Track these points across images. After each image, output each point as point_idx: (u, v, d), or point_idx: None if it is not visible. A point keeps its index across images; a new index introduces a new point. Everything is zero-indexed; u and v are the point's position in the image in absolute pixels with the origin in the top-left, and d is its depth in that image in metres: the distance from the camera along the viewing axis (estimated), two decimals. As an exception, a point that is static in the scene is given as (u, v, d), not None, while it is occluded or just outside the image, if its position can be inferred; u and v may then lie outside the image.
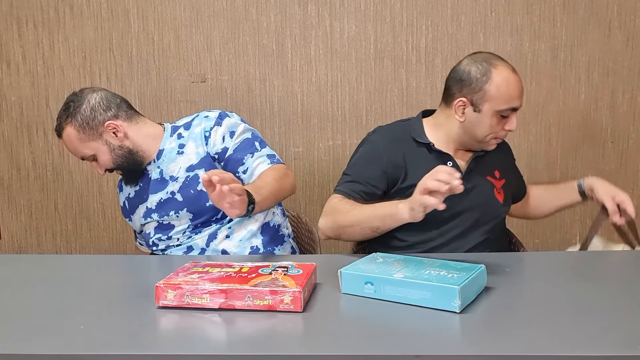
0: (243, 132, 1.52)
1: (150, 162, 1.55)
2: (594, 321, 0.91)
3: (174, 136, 1.55)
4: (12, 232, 2.34)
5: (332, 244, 2.24)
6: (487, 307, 0.97)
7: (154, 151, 1.54)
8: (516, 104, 1.38)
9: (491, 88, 1.36)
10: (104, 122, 1.47)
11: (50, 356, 0.83)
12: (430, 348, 0.82)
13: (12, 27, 2.21)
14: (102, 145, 1.48)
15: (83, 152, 1.49)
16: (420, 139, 1.45)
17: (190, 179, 1.49)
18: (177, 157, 1.52)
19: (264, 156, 1.50)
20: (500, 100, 1.37)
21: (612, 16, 2.10)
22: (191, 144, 1.52)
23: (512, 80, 1.38)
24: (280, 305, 0.94)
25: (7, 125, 2.27)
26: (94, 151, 1.49)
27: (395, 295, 0.98)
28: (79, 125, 1.46)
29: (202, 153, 1.50)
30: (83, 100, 1.47)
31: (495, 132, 1.41)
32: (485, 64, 1.39)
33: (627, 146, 2.18)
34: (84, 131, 1.46)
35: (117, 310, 0.98)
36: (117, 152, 1.49)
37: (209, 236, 1.50)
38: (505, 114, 1.38)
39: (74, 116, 1.46)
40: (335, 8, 2.14)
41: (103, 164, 1.51)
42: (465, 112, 1.41)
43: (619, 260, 1.24)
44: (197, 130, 1.52)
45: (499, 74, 1.37)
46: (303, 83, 2.19)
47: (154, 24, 2.18)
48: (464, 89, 1.40)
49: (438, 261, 1.10)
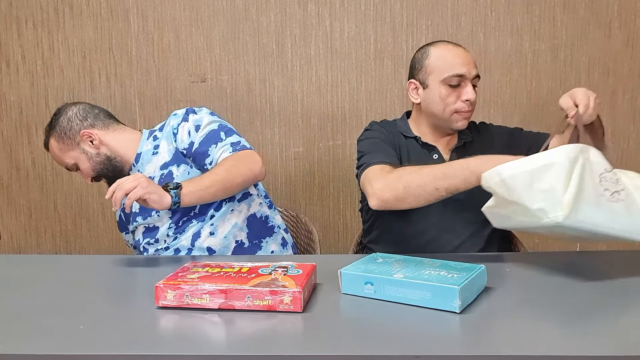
0: (208, 124, 1.52)
1: (130, 168, 1.58)
2: (594, 321, 0.91)
3: (150, 139, 1.58)
4: (11, 232, 2.34)
5: (332, 244, 2.24)
6: (487, 307, 0.97)
7: (132, 156, 1.57)
8: (460, 71, 1.40)
9: (430, 62, 1.45)
10: (80, 131, 1.54)
11: (50, 356, 0.82)
12: (430, 348, 0.82)
13: (11, 27, 2.21)
14: (80, 154, 1.55)
15: (65, 162, 1.58)
16: (408, 134, 1.52)
17: (164, 176, 1.51)
18: (152, 158, 1.54)
19: (227, 144, 1.48)
20: (441, 69, 1.42)
21: (612, 16, 2.10)
22: (164, 143, 1.54)
23: (452, 50, 1.43)
24: (280, 305, 0.94)
25: (6, 125, 2.27)
26: (75, 160, 1.57)
27: (395, 296, 0.98)
28: (58, 136, 1.55)
29: (173, 150, 1.52)
30: (62, 113, 1.57)
31: (451, 104, 1.42)
32: (426, 47, 1.48)
33: (627, 146, 2.18)
34: (62, 141, 1.55)
35: (117, 310, 0.98)
36: (95, 160, 1.56)
37: (193, 235, 1.50)
38: (454, 83, 1.41)
39: (54, 128, 1.55)
40: (335, 8, 2.14)
41: (85, 172, 1.58)
42: (418, 93, 1.48)
43: (619, 260, 1.24)
44: (168, 129, 1.54)
45: (437, 49, 1.45)
46: (303, 83, 2.19)
47: (154, 23, 2.18)
48: (412, 74, 1.50)
49: (438, 261, 1.09)
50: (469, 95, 1.41)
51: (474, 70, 1.43)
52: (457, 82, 1.41)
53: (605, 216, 1.05)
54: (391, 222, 1.47)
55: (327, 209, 2.23)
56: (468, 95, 1.41)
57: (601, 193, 1.06)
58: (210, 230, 1.50)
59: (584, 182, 1.05)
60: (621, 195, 1.07)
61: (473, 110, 1.46)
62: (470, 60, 1.44)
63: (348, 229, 2.25)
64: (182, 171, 1.51)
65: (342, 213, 2.24)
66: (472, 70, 1.43)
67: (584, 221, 1.04)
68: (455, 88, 1.42)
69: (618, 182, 1.08)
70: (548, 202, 1.04)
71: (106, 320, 0.94)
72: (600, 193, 1.06)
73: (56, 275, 1.20)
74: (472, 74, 1.43)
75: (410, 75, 1.51)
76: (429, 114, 1.48)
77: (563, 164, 1.05)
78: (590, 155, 1.08)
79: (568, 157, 1.05)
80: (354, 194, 2.22)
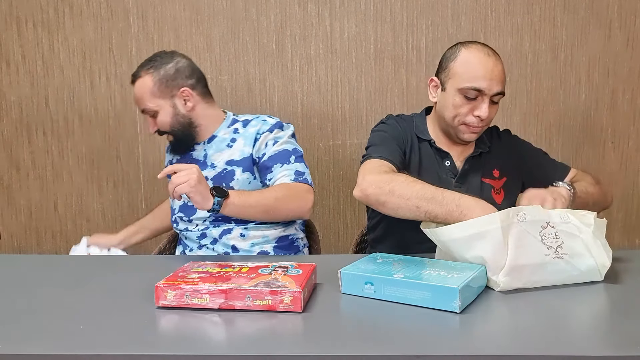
0: (284, 143, 1.53)
1: (200, 143, 1.60)
2: (594, 321, 0.91)
3: (230, 128, 1.59)
4: (11, 232, 2.34)
5: (332, 245, 2.24)
6: (487, 307, 0.97)
7: (209, 134, 1.59)
8: (480, 85, 1.31)
9: (455, 65, 1.36)
10: (181, 87, 1.52)
11: (50, 356, 0.82)
12: (430, 348, 0.82)
13: (11, 27, 2.21)
14: (169, 106, 1.52)
15: (147, 105, 1.52)
16: (422, 136, 1.46)
17: (226, 172, 1.53)
18: (225, 149, 1.56)
19: (292, 170, 1.48)
20: (462, 77, 1.34)
21: (612, 16, 2.10)
22: (241, 141, 1.55)
23: (481, 59, 1.33)
24: (280, 305, 0.94)
25: (6, 125, 2.27)
26: (158, 108, 1.53)
27: (395, 296, 0.98)
28: (158, 80, 1.51)
29: (247, 153, 1.53)
30: (172, 59, 1.54)
31: (461, 115, 1.36)
32: (459, 46, 1.39)
33: (627, 146, 2.18)
34: (159, 86, 1.51)
35: (117, 310, 0.98)
36: (178, 119, 1.54)
37: (224, 230, 1.53)
38: (470, 95, 1.33)
39: (157, 69, 1.51)
40: (335, 8, 2.14)
41: (160, 123, 1.54)
42: (436, 92, 1.42)
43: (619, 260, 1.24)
44: (251, 131, 1.55)
45: (467, 53, 1.35)
46: (303, 83, 2.19)
47: (154, 23, 2.18)
48: (437, 70, 1.42)
49: (438, 261, 1.09)
50: (481, 112, 1.33)
51: (497, 87, 1.33)
52: (474, 95, 1.33)
53: (552, 274, 1.05)
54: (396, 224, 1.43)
55: (327, 209, 2.23)
56: (480, 112, 1.33)
57: (546, 253, 1.05)
58: (242, 232, 1.52)
59: (522, 248, 1.03)
60: (563, 250, 1.05)
61: (486, 126, 1.40)
62: (497, 74, 1.33)
63: (348, 229, 2.25)
64: (244, 178, 1.52)
65: (342, 213, 2.24)
66: (493, 87, 1.32)
67: (527, 284, 1.04)
68: (471, 100, 1.34)
69: (557, 236, 1.06)
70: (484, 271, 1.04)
71: (106, 320, 0.94)
72: (544, 253, 1.04)
73: (56, 275, 1.19)
74: (493, 91, 1.33)
75: (437, 71, 1.43)
76: (440, 117, 1.42)
77: (495, 233, 1.03)
78: (525, 215, 1.05)
79: (501, 225, 1.03)
80: (354, 194, 2.22)
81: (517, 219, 1.05)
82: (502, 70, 1.35)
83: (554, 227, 1.07)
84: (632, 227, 2.22)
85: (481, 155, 1.46)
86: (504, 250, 1.03)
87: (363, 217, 2.02)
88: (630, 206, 2.21)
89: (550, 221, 1.08)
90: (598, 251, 1.07)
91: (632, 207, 2.21)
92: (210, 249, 1.54)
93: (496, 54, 1.37)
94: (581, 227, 1.08)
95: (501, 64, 1.36)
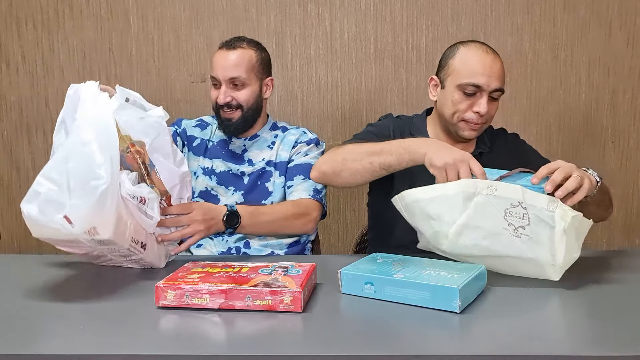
0: (312, 158, 1.59)
1: (240, 138, 1.64)
2: (594, 321, 0.91)
3: (272, 132, 1.66)
4: (12, 232, 2.34)
5: (332, 245, 2.24)
6: (487, 307, 0.97)
7: (255, 130, 1.65)
8: (478, 81, 1.33)
9: (454, 62, 1.38)
10: (269, 75, 1.64)
11: (50, 356, 0.82)
12: (430, 348, 0.82)
13: (11, 27, 2.21)
14: (257, 86, 1.59)
15: (240, 73, 1.55)
16: (419, 135, 1.46)
17: (264, 171, 1.59)
18: (266, 149, 1.62)
19: (312, 187, 1.53)
20: (460, 74, 1.36)
21: (612, 16, 2.10)
22: (280, 145, 1.62)
23: (479, 56, 1.35)
24: (280, 305, 0.94)
25: (6, 126, 2.27)
26: (247, 82, 1.56)
27: (395, 296, 0.98)
28: (261, 59, 1.60)
29: (284, 158, 1.59)
30: (266, 51, 1.65)
31: (461, 111, 1.37)
32: (458, 44, 1.41)
33: (627, 146, 2.18)
34: (259, 64, 1.59)
35: (117, 310, 0.98)
36: (257, 101, 1.59)
37: None
38: (469, 91, 1.35)
39: (261, 50, 1.60)
40: (335, 8, 2.14)
41: (242, 97, 1.57)
42: (436, 91, 1.44)
43: (619, 260, 1.24)
44: (291, 138, 1.62)
45: (466, 50, 1.38)
46: (303, 83, 2.19)
47: (154, 24, 2.18)
48: (437, 70, 1.44)
49: (438, 261, 1.09)
50: (480, 108, 1.35)
51: (496, 83, 1.35)
52: (473, 91, 1.35)
53: (504, 247, 1.06)
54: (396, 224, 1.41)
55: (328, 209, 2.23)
56: (479, 108, 1.35)
57: (504, 227, 1.06)
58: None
59: (479, 216, 1.06)
60: (525, 230, 1.05)
61: (486, 122, 1.40)
62: (496, 71, 1.35)
63: (348, 229, 2.25)
64: (279, 182, 1.59)
65: (342, 213, 2.24)
66: (492, 83, 1.34)
67: (475, 249, 1.06)
68: (469, 96, 1.35)
69: (524, 217, 1.06)
70: (436, 233, 1.08)
71: (106, 320, 0.94)
72: (503, 227, 1.06)
73: (56, 275, 1.19)
74: (492, 87, 1.34)
75: (437, 70, 1.45)
76: (440, 115, 1.43)
77: (456, 198, 1.06)
78: (497, 190, 1.07)
79: (463, 192, 1.07)
80: (354, 194, 2.22)
81: (485, 191, 1.06)
82: (501, 67, 1.37)
83: (525, 209, 1.06)
84: (632, 227, 2.22)
85: (481, 155, 1.46)
86: (462, 210, 1.06)
87: (363, 217, 2.02)
88: (630, 206, 2.21)
89: (525, 203, 1.05)
90: (560, 248, 1.04)
91: (632, 207, 2.21)
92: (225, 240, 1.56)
93: (495, 52, 1.38)
94: (557, 220, 1.05)
95: (500, 62, 1.37)
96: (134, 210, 1.11)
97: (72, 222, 0.97)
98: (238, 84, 1.56)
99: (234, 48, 1.55)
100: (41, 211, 0.98)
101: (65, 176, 0.99)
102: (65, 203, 0.98)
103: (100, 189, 0.99)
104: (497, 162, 1.45)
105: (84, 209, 0.98)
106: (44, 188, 0.99)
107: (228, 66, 1.55)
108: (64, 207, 0.97)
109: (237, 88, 1.56)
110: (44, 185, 0.99)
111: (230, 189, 1.59)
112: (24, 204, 0.99)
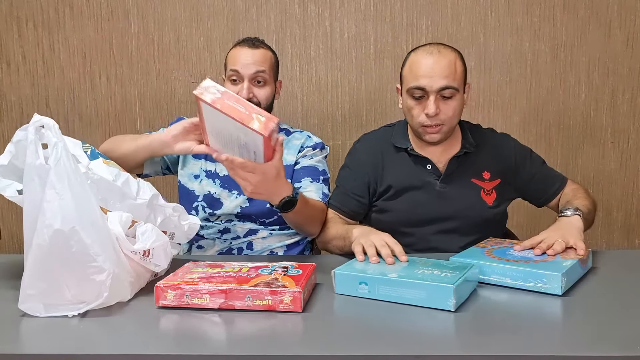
0: (317, 162, 1.58)
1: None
2: (593, 321, 0.91)
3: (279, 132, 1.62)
4: (12, 232, 2.34)
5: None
6: (481, 305, 0.97)
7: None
8: (420, 83, 1.33)
9: (404, 70, 1.42)
10: (279, 80, 1.64)
11: (50, 356, 0.83)
12: (430, 348, 0.82)
13: (12, 27, 2.21)
14: (272, 87, 1.58)
15: (265, 67, 1.53)
16: (399, 144, 1.47)
17: None
18: None
19: (321, 191, 1.51)
20: (407, 79, 1.39)
21: (612, 16, 2.10)
22: (285, 149, 1.57)
23: (423, 60, 1.35)
24: (280, 305, 0.94)
25: (7, 125, 2.27)
26: (269, 79, 1.55)
27: (389, 295, 0.98)
28: (276, 61, 1.61)
29: (290, 161, 1.56)
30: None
31: (415, 116, 1.38)
32: (411, 51, 1.43)
33: (627, 146, 2.18)
34: (275, 67, 1.60)
35: (117, 310, 0.98)
36: (271, 102, 1.58)
37: (249, 230, 1.55)
38: (416, 95, 1.36)
39: (275, 54, 1.61)
40: (335, 8, 2.14)
41: (261, 94, 1.54)
42: (400, 99, 1.46)
43: (619, 260, 1.24)
44: (296, 143, 1.60)
45: (413, 56, 1.40)
46: (303, 83, 2.19)
47: (154, 24, 2.18)
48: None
49: (430, 260, 1.09)
50: (428, 110, 1.34)
51: (440, 82, 1.32)
52: (420, 94, 1.35)
53: None
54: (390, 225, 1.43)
55: (327, 209, 2.23)
56: (427, 109, 1.34)
57: None
58: (266, 235, 1.55)
59: None
60: None
61: (445, 124, 1.37)
62: (439, 70, 1.33)
63: (348, 229, 2.25)
64: None
65: (342, 213, 2.24)
66: (435, 83, 1.32)
67: None
68: (419, 100, 1.36)
69: None
70: None
71: (106, 320, 0.94)
72: None
73: (56, 276, 1.19)
74: (435, 87, 1.33)
75: None
76: (408, 122, 1.46)
77: None
78: None
79: None
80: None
81: None
82: (446, 65, 1.34)
83: None
84: (631, 228, 2.22)
85: (467, 155, 1.45)
86: None
87: (363, 217, 2.02)
88: (629, 206, 2.21)
89: None
90: None
91: (632, 208, 2.21)
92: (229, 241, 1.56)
93: (445, 51, 1.36)
94: None
95: (448, 59, 1.34)
96: (136, 266, 1.05)
97: None
98: (260, 81, 1.53)
99: (256, 47, 1.55)
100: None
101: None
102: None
103: (107, 284, 0.96)
104: (482, 162, 1.46)
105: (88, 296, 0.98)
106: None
107: (255, 61, 1.53)
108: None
109: (258, 85, 1.54)
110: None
111: (233, 193, 1.55)
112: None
